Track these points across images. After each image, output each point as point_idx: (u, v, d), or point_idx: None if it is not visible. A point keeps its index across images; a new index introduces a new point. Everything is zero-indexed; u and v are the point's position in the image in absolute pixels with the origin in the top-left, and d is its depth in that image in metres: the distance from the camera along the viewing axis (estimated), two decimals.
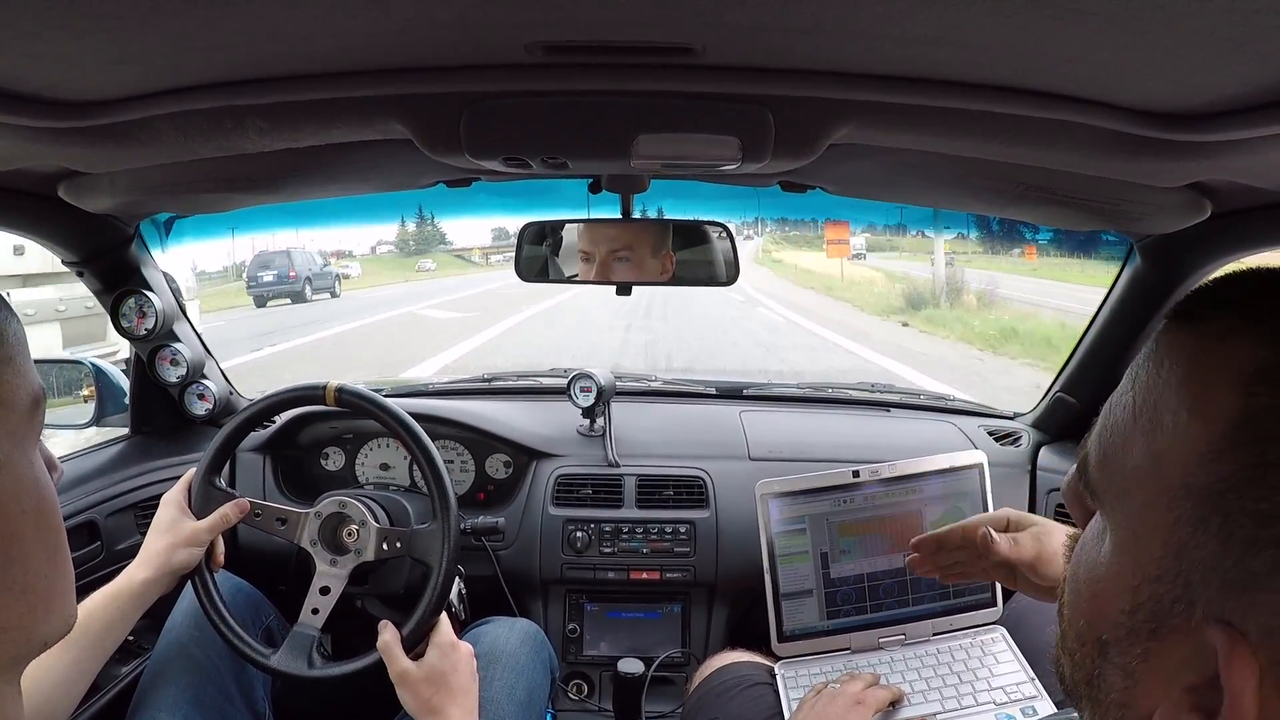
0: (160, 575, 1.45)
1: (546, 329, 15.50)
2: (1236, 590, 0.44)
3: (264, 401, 1.69)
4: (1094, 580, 0.54)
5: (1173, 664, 0.47)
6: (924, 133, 1.04)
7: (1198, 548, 0.45)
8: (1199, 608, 0.45)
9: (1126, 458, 0.51)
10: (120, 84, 0.92)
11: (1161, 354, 0.51)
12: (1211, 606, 0.45)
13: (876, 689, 1.43)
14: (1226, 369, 0.46)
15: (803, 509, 1.64)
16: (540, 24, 0.79)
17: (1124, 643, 0.50)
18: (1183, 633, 0.46)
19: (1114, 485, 0.53)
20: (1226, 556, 0.44)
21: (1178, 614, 0.46)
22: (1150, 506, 0.49)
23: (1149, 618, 0.48)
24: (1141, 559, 0.49)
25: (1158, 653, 0.48)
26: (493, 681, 1.56)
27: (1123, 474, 0.51)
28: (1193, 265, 1.63)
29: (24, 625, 0.61)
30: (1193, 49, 0.70)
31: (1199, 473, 0.46)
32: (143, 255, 1.93)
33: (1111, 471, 0.53)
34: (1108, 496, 0.53)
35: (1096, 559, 0.54)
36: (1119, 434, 0.53)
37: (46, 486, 0.64)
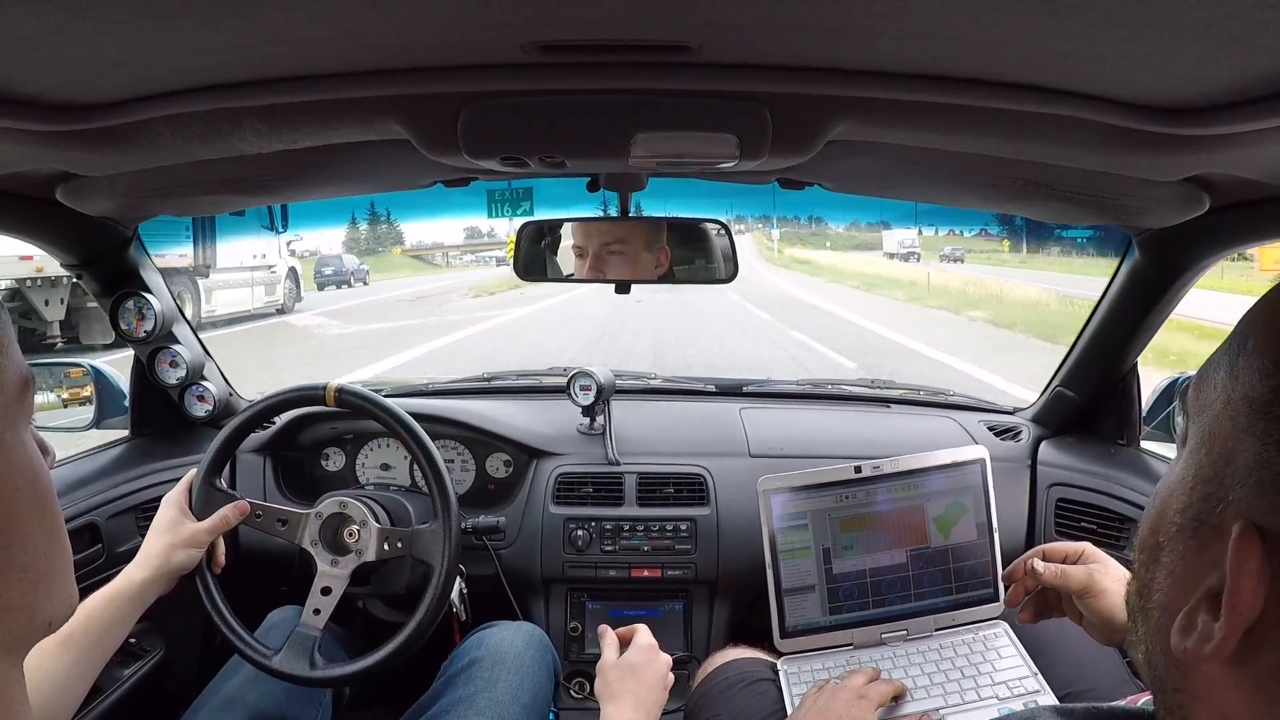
0: (159, 576, 1.45)
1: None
2: (1265, 489, 0.47)
3: (264, 402, 1.69)
4: (1164, 488, 0.57)
5: (1203, 564, 0.51)
6: (921, 128, 1.04)
7: (1243, 451, 0.49)
8: (1233, 507, 0.49)
9: (1214, 377, 0.55)
10: (118, 87, 0.92)
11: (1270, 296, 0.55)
12: (1242, 505, 0.48)
13: (879, 684, 1.43)
14: None
15: (804, 504, 1.64)
16: (537, 24, 0.79)
17: (1173, 541, 0.54)
18: (1217, 532, 0.50)
19: (1200, 400, 0.56)
20: (1263, 456, 0.47)
21: (1217, 514, 0.50)
22: (1219, 417, 0.52)
23: (1195, 516, 0.52)
24: (1202, 463, 0.53)
25: (1194, 551, 0.52)
26: (498, 683, 1.56)
27: (1207, 390, 0.55)
28: (1191, 259, 1.63)
29: (26, 604, 0.61)
30: (1190, 43, 0.70)
31: (1258, 385, 0.49)
32: (141, 258, 1.93)
33: (1201, 389, 0.57)
34: (1194, 412, 0.57)
35: (1172, 472, 0.57)
36: (1213, 361, 0.56)
37: (41, 467, 0.64)
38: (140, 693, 1.81)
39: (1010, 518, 1.94)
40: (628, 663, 1.38)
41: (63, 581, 0.66)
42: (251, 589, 1.87)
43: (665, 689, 1.39)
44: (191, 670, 1.99)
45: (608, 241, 1.66)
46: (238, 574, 1.74)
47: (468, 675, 1.58)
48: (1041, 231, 37.21)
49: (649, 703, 1.34)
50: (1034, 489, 2.02)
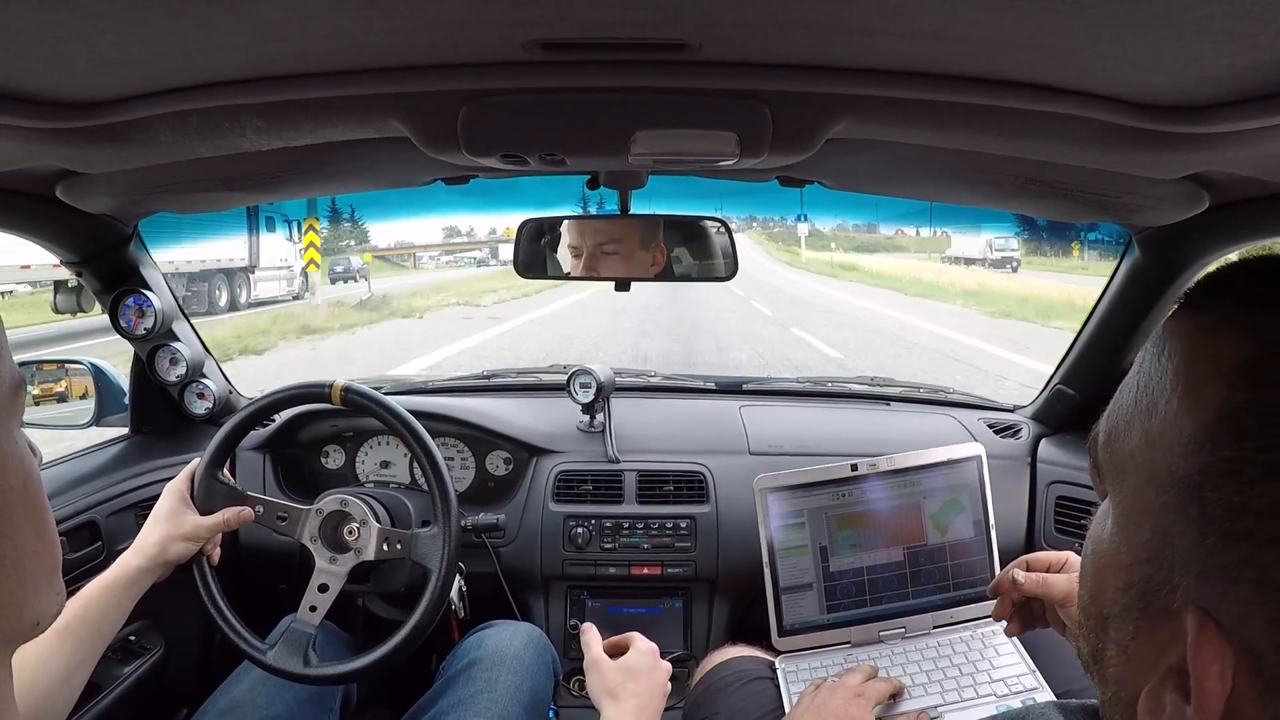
0: (155, 565, 1.44)
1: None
2: (1211, 579, 0.45)
3: (270, 398, 1.69)
4: (1098, 555, 0.55)
5: (1158, 643, 0.49)
6: (921, 126, 1.04)
7: (1179, 535, 0.47)
8: (1179, 592, 0.47)
9: (1127, 440, 0.53)
10: (118, 84, 0.92)
11: (1164, 340, 0.52)
12: (1190, 591, 0.46)
13: (876, 681, 1.43)
14: (1215, 361, 0.47)
15: (801, 503, 1.64)
16: (537, 22, 0.79)
17: (1119, 618, 0.52)
18: (1167, 614, 0.48)
19: (1115, 465, 0.54)
20: (1203, 546, 0.45)
21: (1163, 595, 0.48)
22: (1142, 490, 0.50)
23: (1139, 597, 0.50)
24: (1134, 539, 0.51)
25: (1146, 631, 0.50)
26: (498, 683, 1.56)
27: (1122, 455, 0.53)
28: (1192, 256, 1.63)
29: (15, 601, 0.62)
30: (1190, 41, 0.70)
31: (1182, 463, 0.47)
32: (141, 255, 1.93)
33: (1114, 452, 0.54)
34: (1110, 476, 0.55)
35: (1101, 535, 0.55)
36: (1123, 416, 0.54)
37: (32, 465, 0.65)
38: (140, 690, 1.81)
39: (1010, 516, 1.94)
40: (629, 665, 1.35)
41: (51, 580, 0.66)
42: (250, 585, 1.88)
43: (665, 697, 1.36)
44: (191, 668, 1.99)
45: (602, 241, 1.66)
46: (236, 570, 1.74)
47: (468, 675, 1.58)
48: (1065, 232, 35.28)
49: (651, 708, 1.32)
50: (1034, 487, 2.02)
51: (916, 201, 1.73)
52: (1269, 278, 0.50)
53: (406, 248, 56.04)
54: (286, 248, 22.25)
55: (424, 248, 56.49)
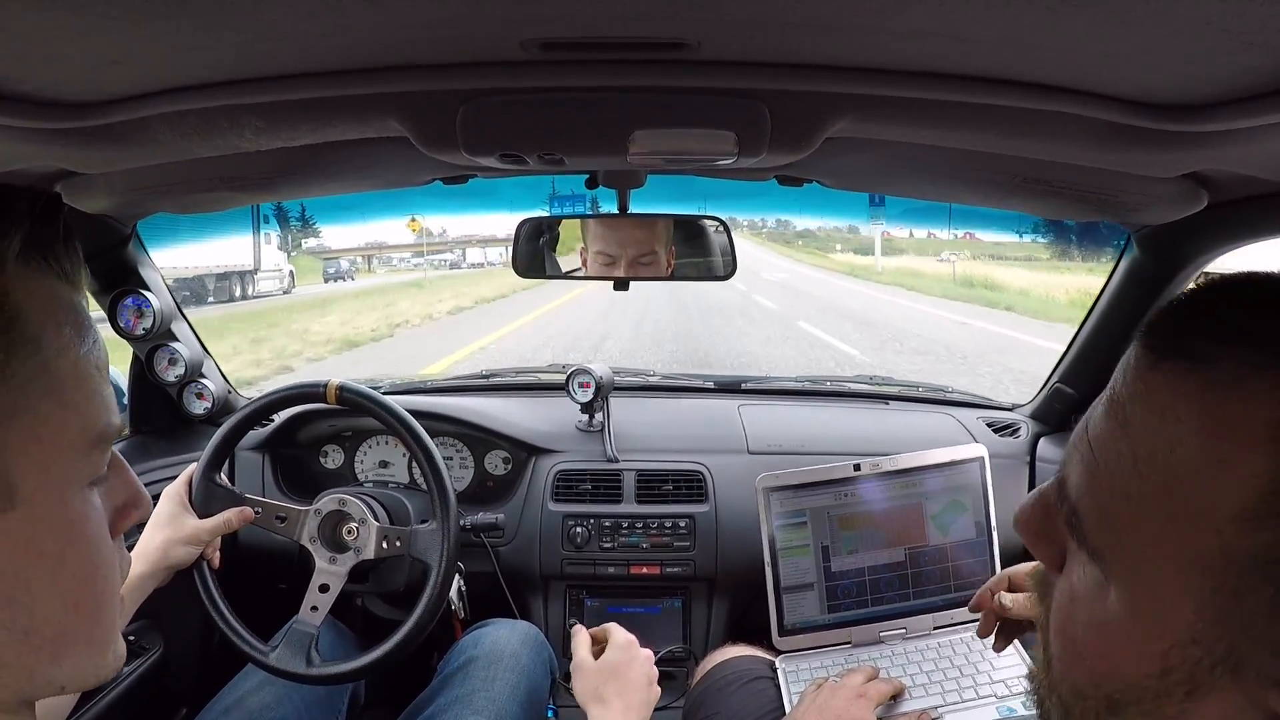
0: (156, 570, 1.45)
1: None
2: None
3: (265, 399, 1.69)
4: (1102, 640, 0.51)
5: (1223, 712, 0.46)
6: (920, 125, 1.04)
7: (1244, 614, 0.44)
8: (1249, 670, 0.44)
9: (1140, 524, 0.48)
10: (116, 84, 0.91)
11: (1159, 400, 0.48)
12: (1265, 668, 0.43)
13: (877, 682, 1.43)
14: (1248, 422, 0.44)
15: (803, 502, 1.64)
16: (536, 21, 0.79)
17: (1150, 703, 0.49)
18: (1225, 691, 0.45)
19: (1124, 550, 0.50)
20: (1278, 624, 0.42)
21: (1221, 675, 0.45)
22: (1178, 574, 0.46)
23: (1184, 680, 0.47)
24: (1171, 623, 0.47)
25: (1195, 712, 0.47)
26: (495, 681, 1.56)
27: (1137, 541, 0.49)
28: (1190, 255, 1.63)
29: (25, 665, 0.57)
30: (1188, 39, 0.70)
31: (1238, 541, 0.43)
32: (140, 255, 1.93)
33: (1120, 536, 0.50)
34: (1114, 557, 0.51)
35: (1101, 617, 0.51)
36: (1121, 494, 0.50)
37: (81, 531, 0.59)
38: (139, 690, 1.81)
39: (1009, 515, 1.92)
40: (608, 663, 1.35)
41: (86, 652, 0.61)
42: (250, 586, 1.87)
43: (651, 684, 1.36)
44: (190, 667, 1.99)
45: (642, 253, 1.66)
46: (236, 571, 1.74)
47: (464, 674, 1.58)
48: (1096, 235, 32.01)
49: (638, 702, 1.31)
50: (1033, 486, 2.02)
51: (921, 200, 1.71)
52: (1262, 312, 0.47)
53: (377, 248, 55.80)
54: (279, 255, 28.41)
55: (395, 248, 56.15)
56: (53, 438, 0.56)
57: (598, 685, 1.32)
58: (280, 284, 27.72)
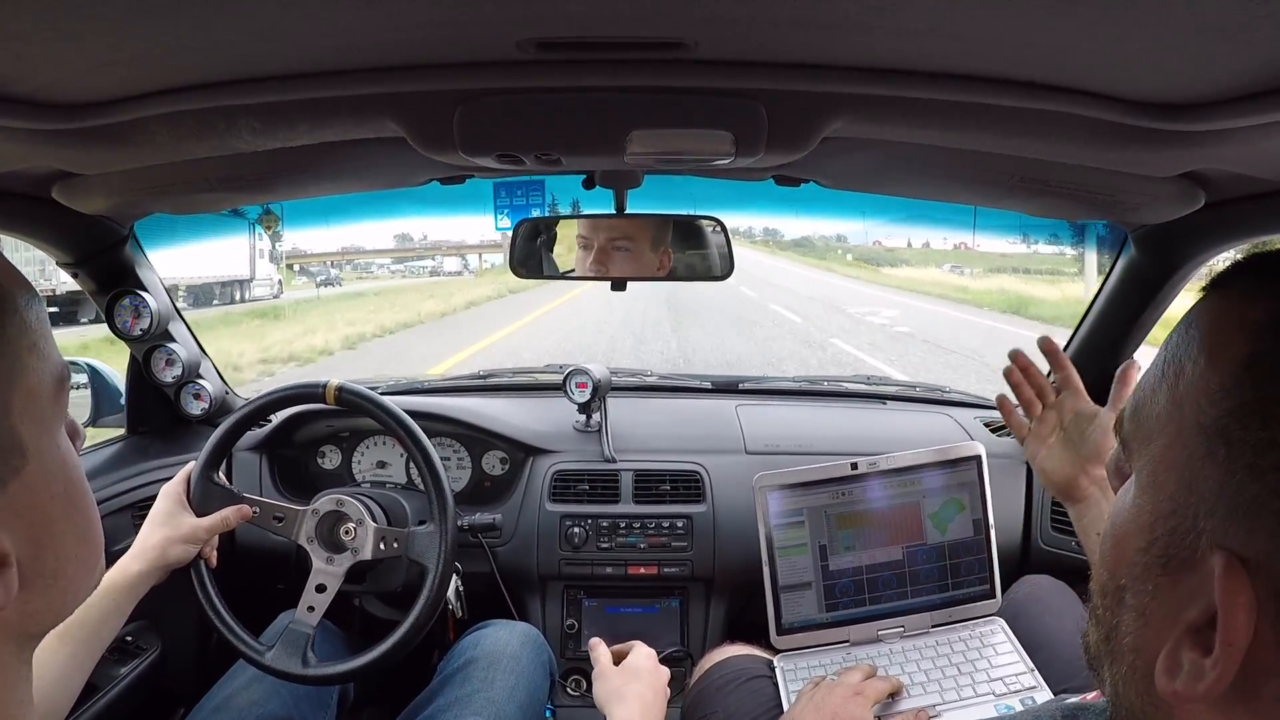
0: (153, 569, 1.45)
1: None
2: (1238, 515, 0.46)
3: (264, 398, 1.69)
4: (1118, 527, 0.56)
5: (1179, 599, 0.49)
6: (917, 125, 1.04)
7: (1205, 479, 0.48)
8: (1204, 537, 0.47)
9: (1153, 406, 0.54)
10: (112, 85, 0.91)
11: (1191, 317, 0.54)
12: (1215, 535, 0.47)
13: (875, 680, 1.43)
14: (1242, 319, 0.49)
15: (801, 501, 1.64)
16: (532, 21, 0.79)
17: (1139, 581, 0.52)
18: (1189, 565, 0.48)
19: (1141, 432, 0.55)
20: (1229, 484, 0.46)
21: (1186, 546, 0.48)
22: (1169, 448, 0.51)
23: (1161, 552, 0.50)
24: (1158, 496, 0.51)
25: (1165, 588, 0.50)
26: (494, 682, 1.56)
27: (1148, 421, 0.54)
28: (1187, 254, 1.63)
29: (54, 609, 0.62)
30: (1185, 39, 0.70)
31: (1209, 410, 0.48)
32: (137, 256, 1.93)
33: (1140, 420, 0.55)
34: (1135, 444, 0.56)
35: (1121, 508, 0.56)
36: (1148, 388, 0.55)
37: (74, 467, 0.64)
38: (137, 690, 1.81)
39: (1007, 514, 1.94)
40: (632, 666, 1.38)
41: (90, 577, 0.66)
42: (247, 586, 1.87)
43: (666, 699, 1.38)
44: (188, 668, 1.99)
45: (614, 237, 1.66)
46: (233, 571, 1.74)
47: (464, 675, 1.58)
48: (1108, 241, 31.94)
49: (655, 707, 1.34)
50: (1030, 485, 2.02)
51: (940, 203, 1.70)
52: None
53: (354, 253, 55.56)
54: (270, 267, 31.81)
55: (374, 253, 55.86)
56: (38, 389, 0.59)
57: (619, 685, 1.35)
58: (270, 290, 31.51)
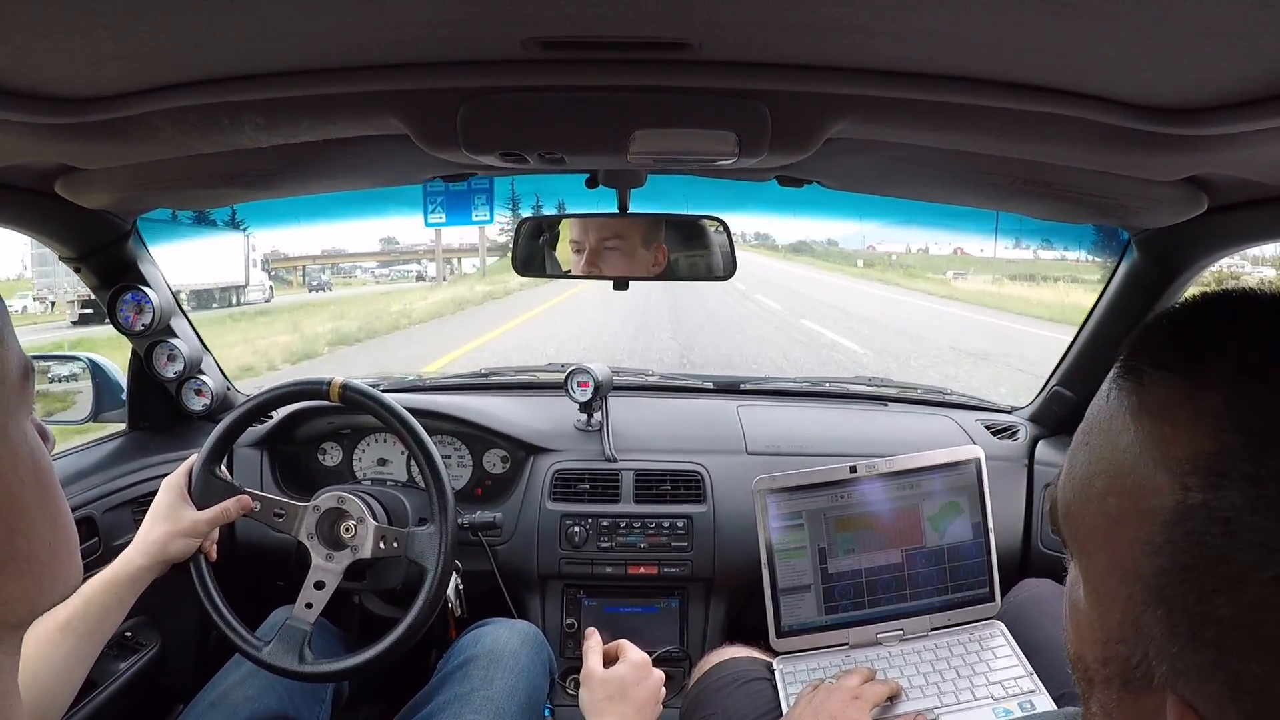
0: (155, 563, 1.45)
1: None
2: (1186, 674, 0.44)
3: (268, 394, 1.69)
4: (1077, 624, 0.54)
5: (1141, 713, 0.48)
6: (921, 127, 1.04)
7: (1150, 627, 0.46)
8: (1156, 677, 0.46)
9: (1085, 520, 0.51)
10: (117, 80, 0.91)
11: (1111, 418, 0.50)
12: (1167, 679, 0.45)
13: (874, 684, 1.43)
14: (1167, 452, 0.45)
15: (800, 504, 1.64)
16: (537, 20, 0.79)
17: (1101, 685, 0.51)
18: (1147, 689, 0.47)
19: (1078, 542, 0.53)
20: (1172, 644, 0.44)
21: (1140, 676, 0.47)
22: (1109, 575, 0.49)
23: (1117, 673, 0.49)
24: (1107, 620, 0.49)
25: (1128, 702, 0.49)
26: (494, 681, 1.56)
27: (1084, 535, 0.52)
28: (1189, 259, 1.63)
29: (29, 596, 0.61)
30: (1189, 43, 0.70)
31: (1144, 561, 0.45)
32: (139, 251, 1.93)
33: (1076, 530, 0.53)
34: (1075, 550, 0.54)
35: (1077, 602, 0.54)
36: (1079, 494, 0.52)
37: (43, 455, 0.63)
38: (136, 686, 1.81)
39: (1007, 517, 1.94)
40: (617, 678, 1.35)
41: (67, 568, 0.65)
42: (247, 582, 1.87)
43: (656, 705, 1.36)
44: (187, 664, 1.99)
45: (605, 236, 1.66)
46: (233, 566, 1.74)
47: (463, 673, 1.58)
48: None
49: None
50: (1030, 489, 2.02)
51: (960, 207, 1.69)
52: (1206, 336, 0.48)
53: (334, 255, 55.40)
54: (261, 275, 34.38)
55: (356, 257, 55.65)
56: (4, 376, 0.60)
57: (600, 700, 1.33)
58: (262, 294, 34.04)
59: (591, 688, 1.34)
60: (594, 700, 1.32)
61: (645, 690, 1.35)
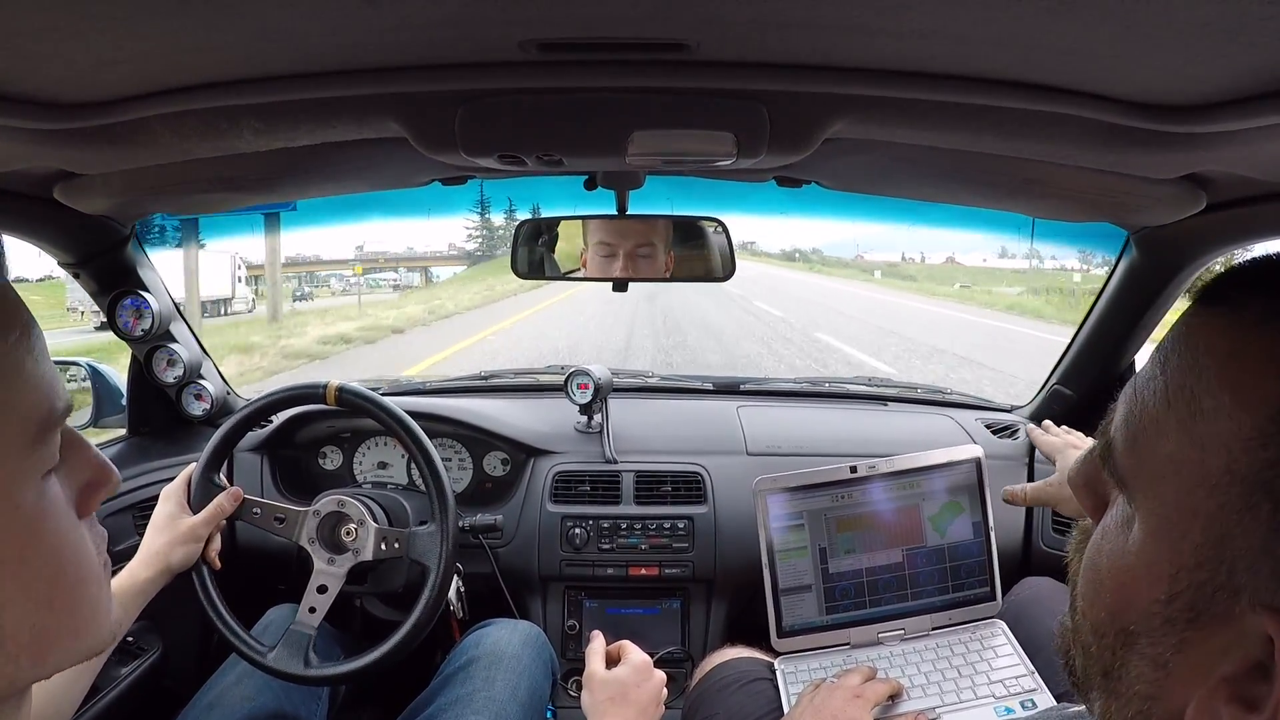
0: (159, 573, 1.46)
1: None
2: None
3: (264, 400, 1.69)
4: (1120, 570, 0.52)
5: (1211, 653, 0.46)
6: (919, 126, 1.04)
7: (1244, 534, 0.45)
8: (1245, 595, 0.44)
9: (1160, 444, 0.50)
10: (115, 85, 0.91)
11: (1195, 338, 0.50)
12: (1260, 593, 0.44)
13: (875, 683, 1.43)
14: (1269, 354, 0.46)
15: (801, 504, 1.64)
16: (535, 22, 0.79)
17: (1157, 633, 0.49)
18: (1224, 620, 0.46)
19: (1146, 471, 0.51)
20: (1275, 540, 0.43)
21: (1220, 601, 0.46)
22: (1189, 493, 0.48)
23: (1187, 606, 0.47)
24: (1180, 546, 0.48)
25: (1195, 642, 0.47)
26: (495, 682, 1.56)
27: (1156, 460, 0.50)
28: (1189, 257, 1.63)
29: (5, 675, 0.55)
30: (1187, 40, 0.70)
31: (1244, 458, 0.45)
32: (138, 256, 1.93)
33: (1143, 458, 0.52)
34: (1138, 483, 0.52)
35: (1123, 548, 0.52)
36: (1151, 420, 0.51)
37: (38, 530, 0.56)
38: (138, 690, 1.81)
39: (1007, 517, 1.94)
40: (618, 680, 1.35)
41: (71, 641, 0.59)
42: (249, 587, 1.87)
43: (658, 706, 1.36)
44: (189, 668, 1.99)
45: (640, 244, 1.66)
46: (235, 572, 1.74)
47: (465, 674, 1.58)
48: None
49: None
50: None
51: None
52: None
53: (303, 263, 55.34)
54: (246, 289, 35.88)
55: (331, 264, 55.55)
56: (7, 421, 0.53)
57: (601, 701, 1.33)
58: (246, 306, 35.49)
59: (593, 689, 1.34)
60: (596, 702, 1.32)
61: (647, 691, 1.35)
